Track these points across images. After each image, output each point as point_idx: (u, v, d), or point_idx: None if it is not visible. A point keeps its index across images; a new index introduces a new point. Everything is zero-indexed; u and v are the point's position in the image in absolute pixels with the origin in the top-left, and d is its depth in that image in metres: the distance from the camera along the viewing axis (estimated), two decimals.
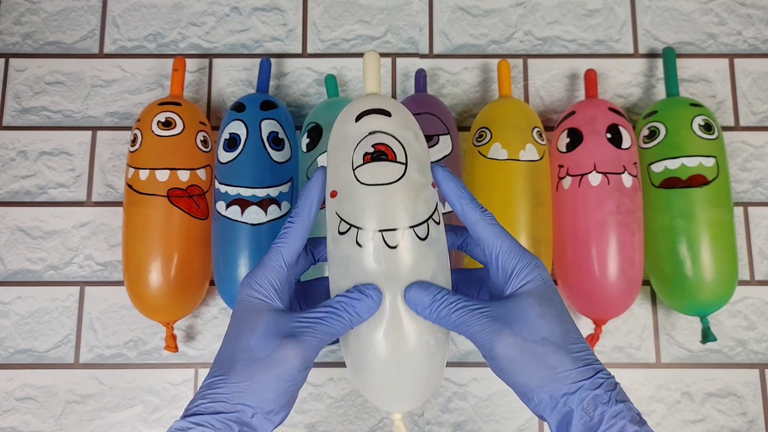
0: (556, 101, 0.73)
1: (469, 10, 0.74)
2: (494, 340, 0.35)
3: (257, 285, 0.38)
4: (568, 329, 0.36)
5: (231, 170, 0.61)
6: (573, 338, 0.36)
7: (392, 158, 0.38)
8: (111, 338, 0.67)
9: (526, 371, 0.35)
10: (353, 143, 0.39)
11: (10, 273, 0.68)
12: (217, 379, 0.36)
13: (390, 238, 0.37)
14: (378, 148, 0.38)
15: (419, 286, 0.37)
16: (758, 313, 0.68)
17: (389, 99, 0.42)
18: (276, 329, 0.36)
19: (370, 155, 0.38)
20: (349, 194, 0.38)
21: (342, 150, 0.39)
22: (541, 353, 0.35)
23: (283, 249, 0.39)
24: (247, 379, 0.35)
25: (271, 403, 0.35)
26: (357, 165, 0.38)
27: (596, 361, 0.36)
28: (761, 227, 0.69)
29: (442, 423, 0.66)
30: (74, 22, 0.74)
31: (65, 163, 0.71)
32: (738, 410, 0.66)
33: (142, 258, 0.60)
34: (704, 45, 0.73)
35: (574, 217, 0.61)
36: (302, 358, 0.35)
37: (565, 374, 0.35)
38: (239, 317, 0.38)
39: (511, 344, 0.35)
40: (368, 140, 0.39)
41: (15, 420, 0.65)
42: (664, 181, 0.62)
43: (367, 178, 0.38)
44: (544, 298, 0.37)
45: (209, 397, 0.35)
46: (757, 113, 0.72)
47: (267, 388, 0.35)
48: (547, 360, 0.35)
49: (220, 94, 0.72)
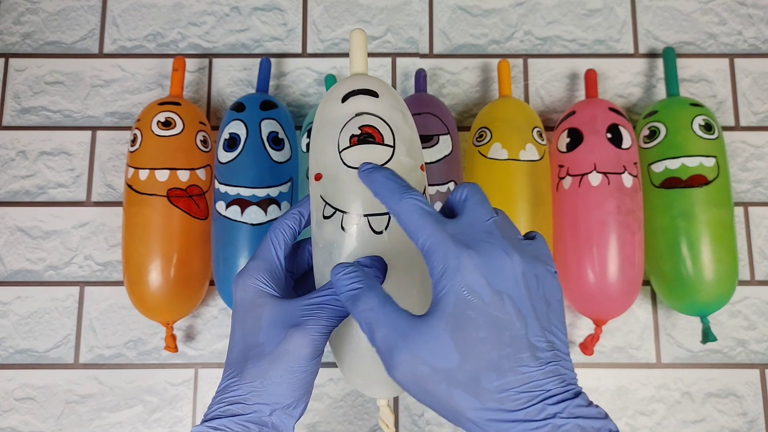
0: (556, 101, 0.73)
1: (469, 10, 0.74)
2: (391, 359, 0.29)
3: (252, 279, 0.37)
4: (492, 359, 0.28)
5: (231, 170, 0.60)
6: (494, 374, 0.28)
7: (380, 141, 0.37)
8: (111, 338, 0.67)
9: (431, 404, 0.29)
10: (339, 125, 0.38)
11: (10, 273, 0.68)
12: (230, 381, 0.35)
13: (376, 223, 0.36)
14: (365, 130, 0.37)
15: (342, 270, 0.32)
16: (758, 313, 0.68)
17: (376, 79, 0.40)
18: (280, 320, 0.35)
19: (357, 137, 0.37)
20: (335, 177, 0.37)
21: (327, 131, 0.38)
22: (442, 389, 0.28)
23: (274, 240, 0.38)
24: (259, 376, 0.34)
25: (287, 398, 0.34)
26: (343, 147, 0.37)
27: (532, 401, 0.27)
28: (761, 227, 0.69)
29: (442, 423, 0.65)
30: (74, 22, 0.74)
31: (65, 163, 0.71)
32: (738, 410, 0.66)
33: (142, 258, 0.60)
34: (704, 45, 0.73)
35: (574, 217, 0.61)
36: (311, 347, 0.34)
37: (477, 416, 0.28)
38: (241, 315, 0.37)
39: (408, 369, 0.29)
40: (355, 122, 0.37)
41: (15, 420, 0.65)
42: (664, 181, 0.62)
43: (354, 161, 0.37)
44: (458, 317, 0.28)
45: (226, 400, 0.34)
46: (757, 113, 0.72)
47: (280, 383, 0.34)
48: (450, 400, 0.28)
49: (219, 94, 0.72)
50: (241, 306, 0.37)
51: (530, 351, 0.28)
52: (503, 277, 0.29)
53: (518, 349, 0.28)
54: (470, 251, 0.29)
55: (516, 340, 0.28)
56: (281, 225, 0.39)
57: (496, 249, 0.29)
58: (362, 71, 0.40)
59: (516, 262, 0.29)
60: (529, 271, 0.30)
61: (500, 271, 0.29)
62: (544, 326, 0.29)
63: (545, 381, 0.28)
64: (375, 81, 0.40)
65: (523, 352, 0.28)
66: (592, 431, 0.27)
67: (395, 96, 0.40)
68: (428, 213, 0.31)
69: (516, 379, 0.28)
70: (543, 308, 0.30)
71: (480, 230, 0.31)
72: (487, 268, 0.29)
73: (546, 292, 0.30)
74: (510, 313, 0.29)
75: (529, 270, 0.30)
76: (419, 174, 0.38)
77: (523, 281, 0.29)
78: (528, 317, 0.29)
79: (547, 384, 0.28)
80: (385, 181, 0.33)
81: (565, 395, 0.28)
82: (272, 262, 0.38)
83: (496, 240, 0.30)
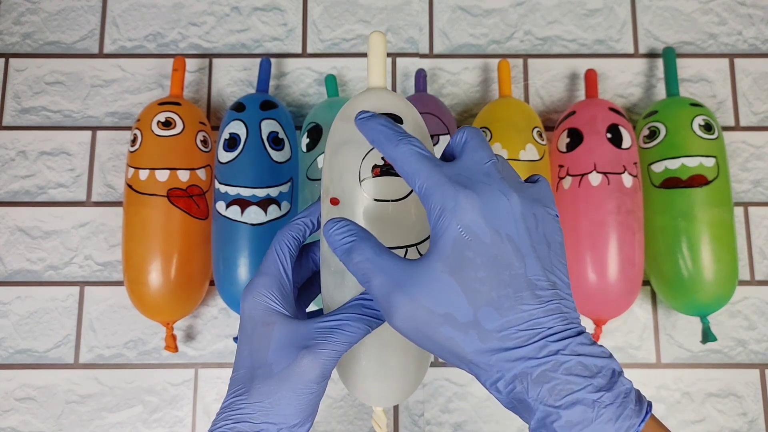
0: (556, 101, 0.73)
1: (469, 10, 0.74)
2: (389, 306, 0.29)
3: (261, 296, 0.36)
4: (492, 299, 0.28)
5: (231, 170, 0.60)
6: (495, 313, 0.28)
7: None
8: (111, 338, 0.67)
9: (431, 348, 0.29)
10: (360, 152, 0.35)
11: (10, 273, 0.68)
12: (237, 399, 0.34)
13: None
14: (388, 162, 0.35)
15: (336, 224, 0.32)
16: (758, 313, 0.68)
17: (400, 98, 0.37)
18: (291, 340, 0.34)
19: (380, 168, 0.35)
20: (353, 208, 0.35)
21: (347, 155, 0.36)
22: (442, 332, 0.28)
23: (281, 254, 0.37)
24: (267, 396, 0.33)
25: (293, 418, 0.34)
26: (364, 177, 0.35)
27: (533, 338, 0.27)
28: (761, 227, 0.69)
29: (442, 423, 0.65)
30: (74, 22, 0.74)
31: (65, 163, 0.71)
32: (738, 410, 0.66)
33: (142, 258, 0.60)
34: (704, 45, 0.73)
35: (574, 217, 0.61)
36: (320, 370, 0.33)
37: (478, 357, 0.28)
38: (249, 332, 0.36)
39: (407, 314, 0.29)
40: (377, 151, 0.35)
41: (15, 420, 0.65)
42: (664, 181, 0.62)
43: (375, 193, 0.35)
44: (456, 258, 0.28)
45: (232, 417, 0.34)
46: (757, 113, 0.72)
47: (288, 404, 0.33)
48: (451, 342, 0.28)
49: (220, 94, 0.72)
50: (249, 323, 0.36)
51: (530, 289, 0.28)
52: (501, 216, 0.29)
53: (518, 288, 0.28)
54: (468, 191, 0.29)
55: (515, 279, 0.28)
56: (286, 237, 0.38)
57: (494, 190, 0.29)
58: (381, 85, 0.37)
59: (514, 202, 0.29)
60: (528, 211, 0.29)
61: (498, 210, 0.29)
62: (545, 266, 0.29)
63: (546, 319, 0.28)
64: (399, 101, 0.37)
65: (523, 290, 0.28)
66: (595, 369, 0.27)
67: (416, 117, 0.37)
68: (425, 157, 0.31)
69: (516, 318, 0.28)
70: (544, 248, 0.29)
71: (478, 172, 0.30)
72: (486, 208, 0.28)
73: (546, 233, 0.30)
74: (509, 252, 0.28)
75: (528, 210, 0.29)
76: None
77: (523, 221, 0.29)
78: (527, 256, 0.29)
79: (549, 322, 0.28)
80: (382, 128, 0.32)
81: (567, 333, 0.28)
82: (280, 278, 0.37)
83: (495, 181, 0.30)
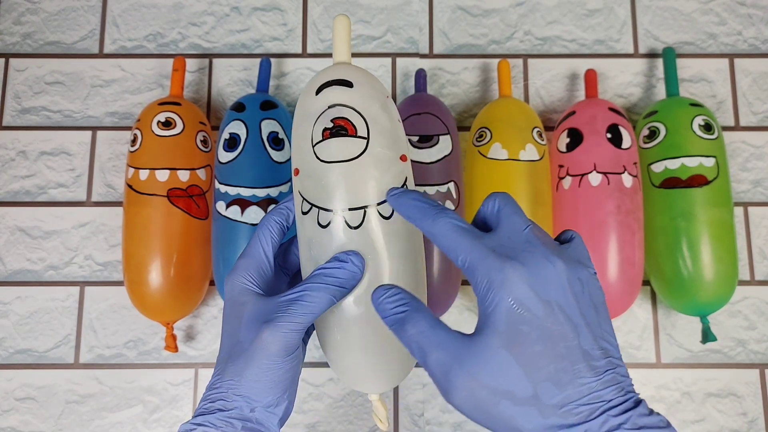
0: (556, 101, 0.73)
1: (469, 10, 0.74)
2: (448, 384, 0.28)
3: (239, 277, 0.37)
4: (550, 373, 0.27)
5: (231, 170, 0.61)
6: (555, 388, 0.27)
7: (352, 133, 0.36)
8: (111, 338, 0.67)
9: (489, 425, 0.28)
10: (313, 118, 0.37)
11: (10, 273, 0.68)
12: (215, 379, 0.36)
13: (351, 218, 0.35)
14: (337, 123, 0.36)
15: (383, 293, 0.32)
16: (758, 313, 0.68)
17: (354, 67, 0.38)
18: (257, 316, 0.35)
19: (329, 130, 0.36)
20: (310, 172, 0.36)
21: (303, 125, 0.37)
22: (502, 409, 0.27)
23: (262, 238, 0.38)
24: (237, 374, 0.34)
25: (265, 395, 0.34)
26: (316, 141, 0.36)
27: (594, 413, 0.27)
28: (761, 227, 0.69)
29: (442, 423, 0.66)
30: (74, 22, 0.74)
31: (65, 163, 0.71)
32: (738, 410, 0.66)
33: (142, 258, 0.60)
34: (704, 45, 0.73)
35: (574, 217, 0.61)
36: (281, 343, 0.33)
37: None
38: (227, 314, 0.37)
39: (467, 392, 0.28)
40: (327, 114, 0.36)
41: (15, 420, 0.65)
42: (664, 181, 0.62)
43: (326, 154, 0.36)
44: (512, 333, 0.27)
45: (210, 397, 0.35)
46: (757, 113, 0.72)
47: (257, 380, 0.34)
48: (512, 420, 0.27)
49: (220, 94, 0.72)
50: (228, 305, 0.37)
51: (586, 361, 0.27)
52: (550, 286, 0.28)
53: (574, 361, 0.27)
54: (513, 263, 0.28)
55: (571, 351, 0.27)
56: (268, 221, 0.39)
57: (539, 258, 0.29)
58: (344, 60, 0.39)
59: (560, 268, 0.29)
60: (573, 276, 0.29)
61: (546, 280, 0.28)
62: (596, 333, 0.28)
63: (605, 391, 0.27)
64: (352, 70, 0.38)
65: (579, 362, 0.27)
66: None
67: (373, 85, 0.38)
68: (464, 230, 0.30)
69: (576, 392, 0.27)
70: (592, 314, 0.29)
71: (519, 240, 0.30)
72: (533, 278, 0.28)
73: (592, 296, 0.29)
74: (562, 323, 0.28)
75: (573, 276, 0.29)
76: (400, 165, 0.37)
77: (570, 288, 0.28)
78: (579, 326, 0.28)
79: (607, 394, 0.27)
80: (416, 204, 0.32)
81: (627, 405, 0.27)
82: (259, 260, 0.37)
83: (537, 248, 0.29)
